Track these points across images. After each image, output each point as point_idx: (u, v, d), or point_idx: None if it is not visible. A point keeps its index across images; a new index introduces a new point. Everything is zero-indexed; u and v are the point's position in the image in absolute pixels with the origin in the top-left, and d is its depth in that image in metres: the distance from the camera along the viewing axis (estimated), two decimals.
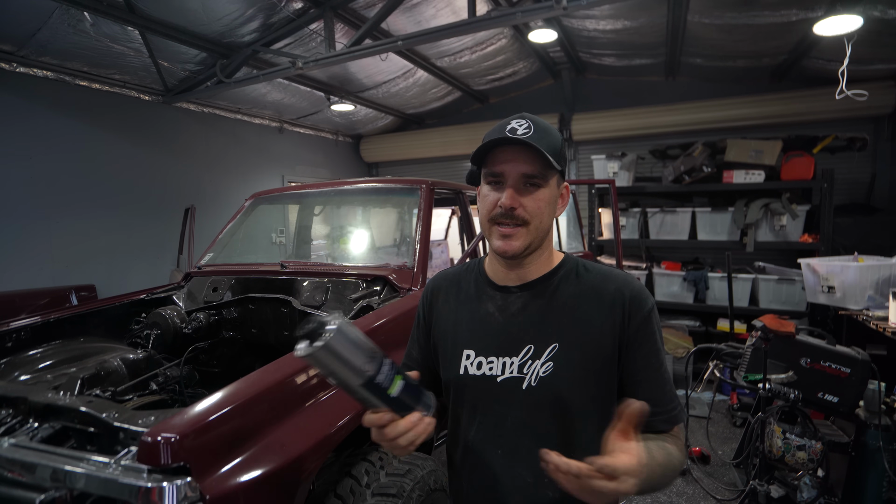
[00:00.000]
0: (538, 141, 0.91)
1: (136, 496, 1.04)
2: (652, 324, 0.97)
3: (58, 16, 3.37)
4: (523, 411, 0.96)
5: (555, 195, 0.98)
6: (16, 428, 1.39)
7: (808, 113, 4.99)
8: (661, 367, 0.97)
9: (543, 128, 0.94)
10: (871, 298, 3.28)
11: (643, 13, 4.14)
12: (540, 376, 0.95)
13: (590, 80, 6.24)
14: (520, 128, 0.92)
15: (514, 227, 0.94)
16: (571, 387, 0.94)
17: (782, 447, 2.52)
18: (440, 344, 1.08)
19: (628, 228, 5.19)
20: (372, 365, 0.78)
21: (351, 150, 7.60)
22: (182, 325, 2.26)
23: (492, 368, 0.98)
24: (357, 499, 1.40)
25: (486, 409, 1.00)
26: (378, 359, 0.80)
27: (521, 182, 0.93)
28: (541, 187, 0.94)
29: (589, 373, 0.95)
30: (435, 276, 1.18)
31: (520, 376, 0.96)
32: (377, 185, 2.91)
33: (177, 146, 5.02)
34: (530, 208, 0.93)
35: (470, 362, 1.01)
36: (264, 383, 1.35)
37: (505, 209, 0.93)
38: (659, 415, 0.94)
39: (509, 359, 0.97)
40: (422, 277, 2.24)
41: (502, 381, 0.97)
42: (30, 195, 3.88)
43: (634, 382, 0.96)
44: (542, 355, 0.95)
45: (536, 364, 0.95)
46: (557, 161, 0.93)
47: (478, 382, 0.99)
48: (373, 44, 3.87)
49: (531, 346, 0.96)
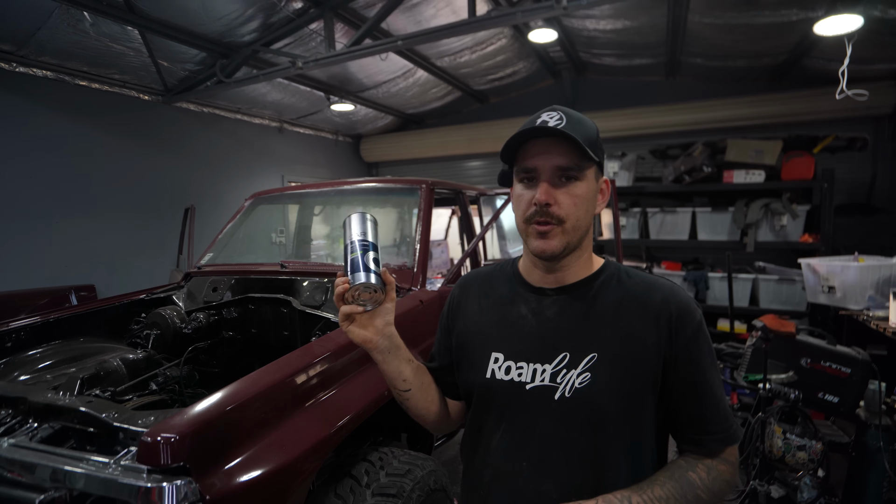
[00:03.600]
0: (572, 131, 0.85)
1: (136, 496, 1.03)
2: (701, 338, 0.91)
3: (57, 15, 3.36)
4: (553, 423, 0.90)
5: (593, 190, 0.91)
6: (15, 428, 1.38)
7: (808, 113, 4.99)
8: (714, 383, 0.91)
9: (577, 118, 0.89)
10: (871, 298, 3.28)
11: (643, 13, 4.14)
12: (575, 387, 0.88)
13: (590, 80, 6.24)
14: (551, 119, 0.87)
15: (550, 225, 0.88)
16: (610, 401, 0.88)
17: (782, 447, 2.52)
18: (466, 344, 1.03)
19: (628, 228, 5.19)
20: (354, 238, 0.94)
21: (351, 150, 7.60)
22: (182, 325, 2.26)
23: (521, 374, 0.92)
24: (357, 499, 1.40)
25: (513, 417, 0.94)
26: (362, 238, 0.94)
27: (556, 176, 0.87)
28: (577, 180, 0.88)
29: (629, 388, 0.88)
30: (466, 274, 1.15)
31: (552, 385, 0.90)
32: (377, 185, 2.91)
33: (177, 146, 5.02)
34: (566, 205, 0.87)
35: (498, 366, 0.95)
36: (264, 383, 1.34)
37: (539, 205, 0.87)
38: (711, 434, 0.90)
39: (541, 366, 0.91)
40: (422, 277, 2.24)
41: (531, 388, 0.91)
42: (30, 195, 3.88)
43: (683, 400, 0.91)
44: (579, 365, 0.89)
45: (572, 374, 0.89)
46: (595, 152, 0.88)
47: (505, 388, 0.94)
48: (373, 44, 3.86)
49: (567, 354, 0.90)
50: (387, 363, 0.97)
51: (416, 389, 1.02)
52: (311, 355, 1.52)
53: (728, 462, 0.92)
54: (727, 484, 0.91)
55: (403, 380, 0.99)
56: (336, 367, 1.55)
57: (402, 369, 0.99)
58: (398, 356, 0.98)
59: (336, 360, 1.56)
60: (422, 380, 1.04)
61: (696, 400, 0.91)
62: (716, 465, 0.90)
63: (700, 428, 0.91)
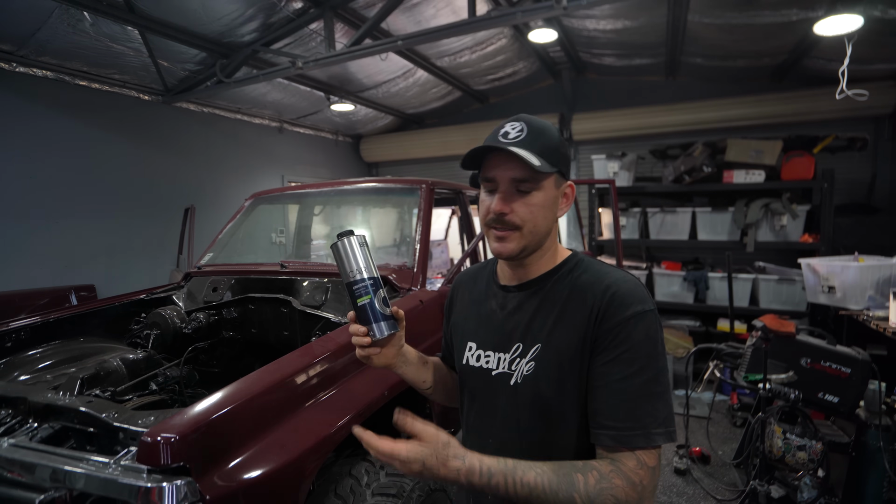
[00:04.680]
0: (529, 144, 0.91)
1: (136, 496, 1.03)
2: (627, 330, 0.88)
3: (57, 15, 3.36)
4: (511, 406, 0.99)
5: (551, 196, 0.96)
6: (15, 428, 1.38)
7: (808, 113, 4.99)
8: (628, 379, 0.87)
9: (538, 129, 0.94)
10: (871, 298, 3.28)
11: (643, 13, 4.14)
12: (524, 374, 0.97)
13: (590, 80, 6.24)
14: (513, 131, 0.93)
15: (507, 230, 0.95)
16: (550, 387, 0.93)
17: (782, 447, 2.52)
18: (455, 335, 1.16)
19: (628, 228, 5.19)
20: (356, 275, 0.99)
21: (351, 150, 7.60)
22: (182, 325, 2.26)
23: (488, 362, 1.03)
24: (357, 499, 1.40)
25: (483, 399, 1.05)
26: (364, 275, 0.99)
27: (512, 187, 0.94)
28: (534, 191, 0.93)
29: (566, 377, 0.92)
30: (461, 272, 1.26)
31: (509, 372, 0.99)
32: (377, 185, 2.90)
33: (177, 146, 5.02)
34: (521, 213, 0.94)
35: (471, 353, 1.07)
36: (264, 383, 1.34)
37: (496, 215, 0.95)
38: (605, 429, 0.87)
39: (503, 354, 1.01)
40: (422, 277, 2.24)
41: (496, 374, 1.01)
42: (30, 195, 3.88)
43: (591, 388, 0.90)
44: (528, 355, 0.97)
45: (522, 363, 0.97)
46: (554, 162, 0.93)
47: (476, 373, 1.05)
48: (373, 44, 3.86)
49: (520, 345, 0.99)
50: (406, 374, 1.13)
51: (436, 384, 1.18)
52: (311, 355, 1.52)
53: (628, 479, 0.82)
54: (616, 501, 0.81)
55: (423, 381, 1.16)
56: (336, 367, 1.55)
57: (420, 374, 1.15)
58: (415, 366, 1.13)
59: (336, 360, 1.56)
60: (439, 375, 1.20)
61: (599, 390, 0.89)
62: (611, 478, 0.82)
63: (595, 420, 0.89)
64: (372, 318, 0.99)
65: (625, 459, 0.84)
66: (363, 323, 0.99)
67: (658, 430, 0.85)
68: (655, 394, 0.87)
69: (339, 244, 1.00)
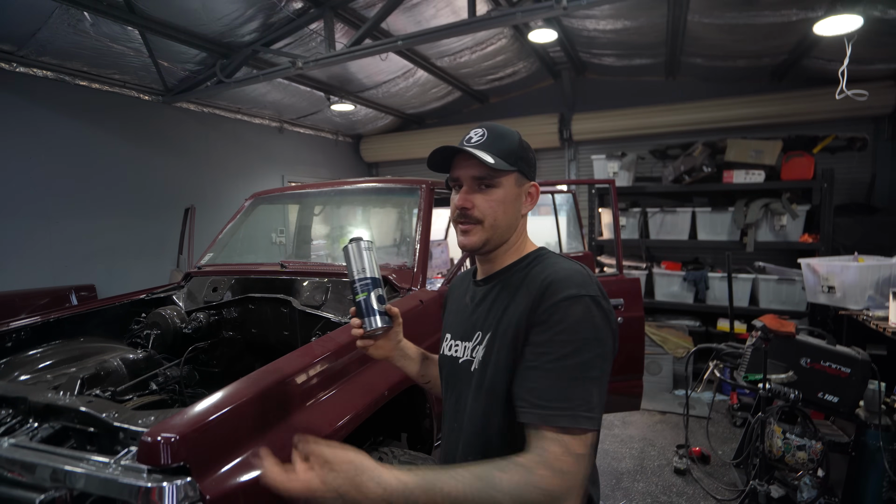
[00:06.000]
0: (488, 147, 1.01)
1: (136, 496, 1.03)
2: (561, 312, 0.88)
3: (57, 16, 3.36)
4: (470, 392, 1.04)
5: (512, 194, 1.04)
6: (16, 428, 1.38)
7: (808, 113, 4.99)
8: (560, 360, 0.86)
9: (498, 134, 1.04)
10: (871, 298, 3.28)
11: (643, 13, 4.14)
12: (479, 361, 1.02)
13: (590, 80, 6.24)
14: (475, 136, 1.04)
15: (470, 224, 1.04)
16: (496, 374, 0.97)
17: (782, 447, 2.52)
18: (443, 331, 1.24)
19: (628, 228, 5.19)
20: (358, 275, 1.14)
21: (351, 150, 7.60)
22: (182, 325, 2.26)
23: (456, 351, 1.11)
24: None
25: (453, 386, 1.12)
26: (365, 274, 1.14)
27: (475, 183, 1.03)
28: (494, 187, 1.02)
29: (509, 361, 0.95)
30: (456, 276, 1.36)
31: (470, 359, 1.05)
32: (377, 185, 2.90)
33: (177, 146, 5.02)
34: (482, 207, 1.02)
35: (446, 344, 1.16)
36: (264, 383, 1.34)
37: (459, 209, 1.04)
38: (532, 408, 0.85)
39: (466, 343, 1.08)
40: (422, 277, 2.24)
41: (462, 362, 1.08)
42: (30, 195, 3.88)
43: (525, 369, 0.90)
44: (483, 343, 1.03)
45: (479, 349, 1.03)
46: (512, 162, 1.01)
47: (448, 362, 1.13)
48: (373, 44, 3.87)
49: (479, 334, 1.05)
50: (405, 368, 1.26)
51: (434, 379, 1.27)
52: (311, 355, 1.52)
53: (552, 468, 0.79)
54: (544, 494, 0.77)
55: (422, 375, 1.28)
56: (336, 367, 1.55)
57: (420, 369, 1.27)
58: (414, 361, 1.26)
59: (336, 360, 1.56)
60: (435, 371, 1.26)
61: (530, 371, 0.89)
62: (535, 469, 0.79)
63: (522, 397, 0.88)
64: (366, 312, 1.13)
65: (549, 445, 0.81)
66: (360, 316, 1.14)
67: (587, 413, 0.83)
68: (589, 378, 0.85)
69: (348, 247, 1.16)
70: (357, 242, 1.16)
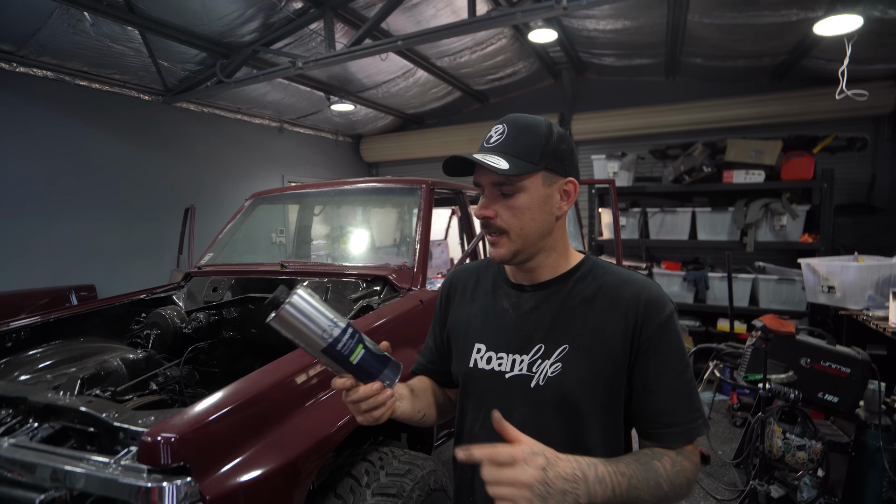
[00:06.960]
0: (508, 146, 0.91)
1: (136, 496, 1.04)
2: (668, 332, 0.92)
3: (57, 16, 3.36)
4: (530, 410, 0.95)
5: (540, 197, 0.93)
6: (16, 428, 1.38)
7: (808, 113, 4.99)
8: (679, 377, 0.92)
9: (520, 128, 0.93)
10: (871, 298, 3.28)
11: (643, 13, 4.14)
12: (548, 376, 0.94)
13: (590, 80, 6.24)
14: (495, 134, 0.94)
15: (496, 235, 0.95)
16: (578, 389, 0.93)
17: (782, 447, 2.52)
18: (453, 336, 1.10)
19: (628, 228, 5.19)
20: (333, 332, 0.83)
21: (351, 150, 7.60)
22: (182, 325, 2.26)
23: (501, 364, 0.98)
24: (357, 499, 1.40)
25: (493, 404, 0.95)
26: (341, 327, 0.83)
27: (495, 191, 0.93)
28: (515, 194, 0.92)
29: (597, 378, 0.93)
30: (455, 269, 1.20)
31: (528, 374, 0.95)
32: (377, 185, 2.91)
33: (177, 146, 5.02)
34: (505, 217, 0.93)
35: (480, 356, 1.01)
36: (264, 383, 1.35)
37: (482, 219, 0.95)
38: (669, 427, 0.91)
39: (519, 356, 0.97)
40: (422, 277, 2.24)
41: (510, 377, 0.97)
42: (30, 195, 3.88)
43: (646, 392, 0.93)
44: (552, 356, 0.94)
45: (546, 364, 0.94)
46: (535, 161, 0.91)
47: (486, 377, 1.00)
48: (373, 44, 3.87)
49: (542, 346, 0.95)
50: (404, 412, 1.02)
51: (426, 408, 1.09)
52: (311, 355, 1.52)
53: (690, 460, 0.91)
54: (688, 482, 0.89)
55: (417, 411, 1.06)
56: None
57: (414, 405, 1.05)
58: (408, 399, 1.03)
59: None
60: (426, 399, 1.11)
61: (658, 392, 0.92)
62: (680, 461, 0.89)
63: (659, 421, 0.92)
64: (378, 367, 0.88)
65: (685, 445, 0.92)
66: (370, 380, 0.89)
67: (703, 418, 0.93)
68: (694, 385, 0.94)
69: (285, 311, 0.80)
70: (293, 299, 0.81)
